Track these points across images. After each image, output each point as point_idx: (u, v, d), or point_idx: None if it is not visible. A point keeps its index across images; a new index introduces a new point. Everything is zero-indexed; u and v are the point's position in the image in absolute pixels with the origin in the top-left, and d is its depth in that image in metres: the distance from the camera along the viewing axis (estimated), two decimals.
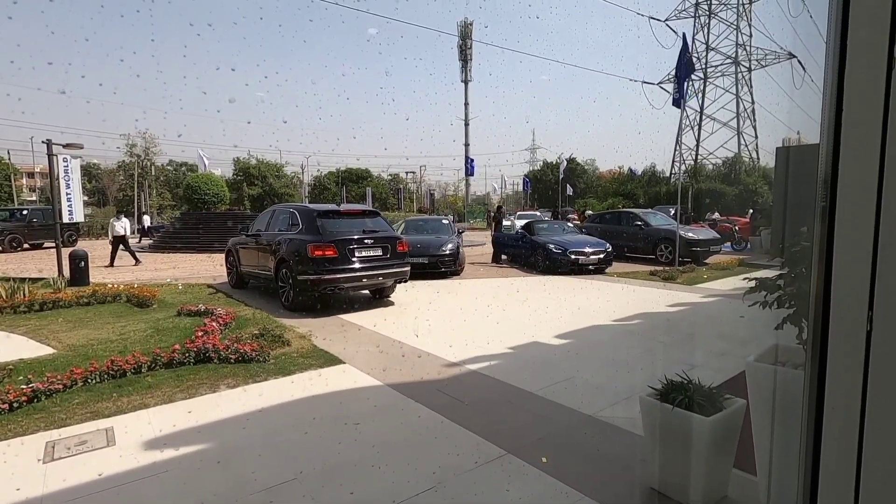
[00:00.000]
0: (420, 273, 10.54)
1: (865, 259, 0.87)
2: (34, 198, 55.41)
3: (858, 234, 0.88)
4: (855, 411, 0.89)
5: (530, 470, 2.91)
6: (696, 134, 40.43)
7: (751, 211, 19.46)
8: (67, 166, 11.36)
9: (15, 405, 3.73)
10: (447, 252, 11.20)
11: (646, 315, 7.21)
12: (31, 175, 59.77)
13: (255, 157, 46.85)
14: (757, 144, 38.93)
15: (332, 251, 7.21)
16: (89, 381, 4.25)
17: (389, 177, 58.79)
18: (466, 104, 43.80)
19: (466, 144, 43.55)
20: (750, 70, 39.41)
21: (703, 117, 40.27)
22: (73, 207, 11.49)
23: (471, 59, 43.36)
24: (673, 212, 14.66)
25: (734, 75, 39.41)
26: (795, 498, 1.06)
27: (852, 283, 0.89)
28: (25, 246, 19.68)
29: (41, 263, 14.16)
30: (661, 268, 11.55)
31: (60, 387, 4.06)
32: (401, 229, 12.41)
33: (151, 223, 28.26)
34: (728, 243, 16.24)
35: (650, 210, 16.68)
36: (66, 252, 10.71)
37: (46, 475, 2.91)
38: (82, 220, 14.95)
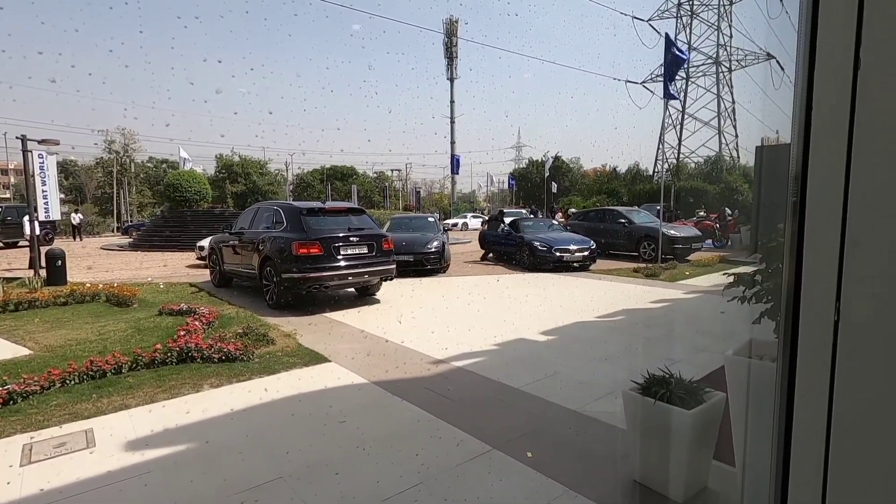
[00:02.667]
0: (406, 271, 10.54)
1: (833, 252, 0.90)
2: (8, 195, 53.91)
3: (827, 228, 0.91)
4: (823, 399, 0.92)
5: (516, 465, 2.94)
6: (679, 133, 41.06)
7: (732, 210, 19.82)
8: (43, 163, 11.08)
9: None
10: (433, 250, 11.21)
11: (629, 311, 7.31)
12: (4, 172, 58.18)
13: (239, 154, 46.25)
14: (737, 143, 39.68)
15: (317, 249, 7.16)
16: (68, 382, 4.17)
17: (375, 174, 58.56)
18: (452, 102, 43.70)
19: (452, 142, 43.50)
20: (730, 70, 40.14)
21: (685, 116, 40.89)
22: (50, 205, 11.22)
23: (457, 57, 43.32)
24: (659, 209, 14.85)
25: (715, 75, 40.09)
26: (769, 487, 1.09)
27: (821, 276, 0.92)
28: (0, 245, 19.17)
29: (16, 262, 13.80)
30: (644, 265, 11.72)
31: (38, 388, 3.97)
32: (386, 227, 12.38)
33: (79, 222, 27.60)
34: (710, 240, 16.54)
35: (634, 208, 16.89)
36: (42, 250, 10.46)
37: (24, 478, 2.84)
38: (59, 217, 14.59)
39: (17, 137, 10.45)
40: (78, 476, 2.87)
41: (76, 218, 27.43)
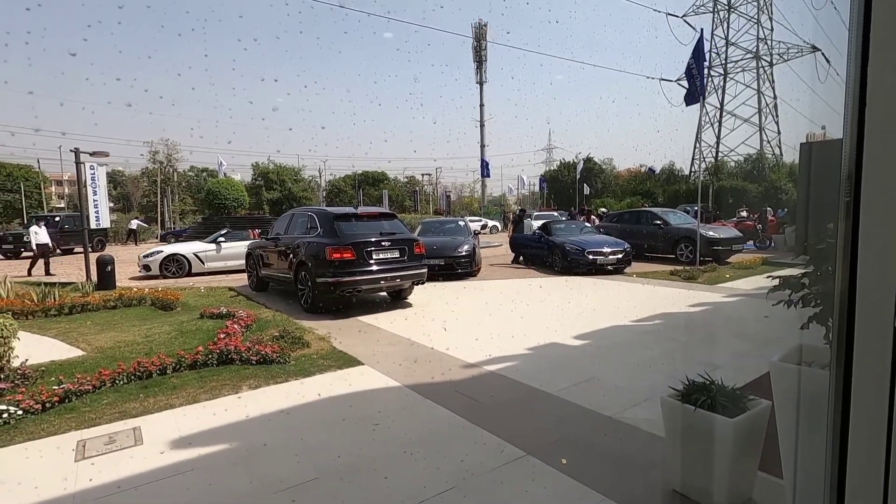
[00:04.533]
0: (437, 274, 10.57)
1: (892, 255, 0.85)
2: (63, 205, 57.09)
3: (884, 229, 0.86)
4: (882, 411, 0.87)
5: (549, 471, 2.90)
6: (717, 131, 39.67)
7: (775, 210, 19.00)
8: (94, 174, 11.69)
9: (48, 405, 3.86)
10: (463, 253, 11.21)
11: (666, 315, 7.10)
12: (59, 183, 61.63)
13: (274, 162, 47.55)
14: (780, 140, 38.00)
15: (350, 254, 7.28)
16: (117, 382, 4.38)
17: (406, 179, 59.05)
18: (482, 106, 43.74)
19: (482, 146, 43.49)
20: (771, 64, 38.53)
21: (724, 114, 39.50)
22: (100, 213, 11.83)
23: (485, 61, 43.30)
24: (695, 210, 14.40)
25: (755, 70, 38.57)
26: (822, 501, 1.04)
27: (879, 281, 0.87)
28: (58, 251, 20.34)
29: (69, 268, 14.60)
30: (682, 267, 11.37)
31: (90, 388, 4.19)
32: (417, 231, 12.47)
33: (137, 227, 29.68)
34: (751, 242, 15.90)
35: (670, 209, 16.43)
36: (93, 257, 11.04)
37: (78, 473, 3.00)
38: (109, 225, 15.35)
39: (70, 150, 11.08)
40: (127, 472, 3.00)
41: (134, 223, 30.04)
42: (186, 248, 13.15)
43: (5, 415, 3.63)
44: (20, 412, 3.71)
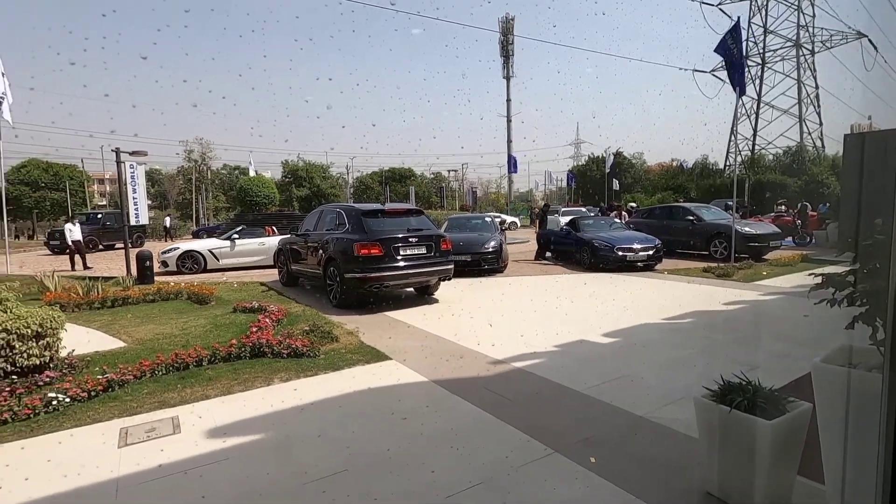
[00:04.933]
0: (463, 270, 10.57)
1: None
2: (104, 202, 59.56)
3: None
4: None
5: (579, 469, 2.87)
6: (753, 123, 38.23)
7: (816, 205, 18.20)
8: (134, 173, 12.15)
9: (92, 394, 4.05)
10: (490, 249, 11.17)
11: (699, 313, 6.91)
12: (101, 181, 64.30)
13: (303, 160, 48.39)
14: (822, 132, 36.34)
15: (377, 249, 7.35)
16: (156, 372, 4.55)
17: (432, 175, 59.19)
18: (508, 100, 43.37)
19: (509, 141, 43.15)
20: (813, 53, 36.84)
21: (761, 105, 38.01)
22: (140, 211, 12.29)
23: (512, 55, 42.88)
24: (731, 205, 13.94)
25: (795, 59, 36.95)
26: None
27: None
28: (100, 247, 21.29)
29: (109, 263, 15.25)
30: (716, 264, 11.03)
31: (131, 377, 4.37)
32: (444, 227, 12.48)
33: (171, 224, 30.97)
34: (790, 238, 15.30)
35: (703, 204, 15.96)
36: (133, 252, 11.49)
37: (121, 459, 3.14)
38: (147, 222, 15.95)
39: (111, 150, 11.56)
40: (166, 459, 3.12)
41: (168, 221, 31.69)
42: (202, 245, 13.46)
43: (54, 402, 3.83)
44: (67, 399, 3.90)
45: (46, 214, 36.91)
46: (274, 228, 14.91)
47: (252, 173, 29.58)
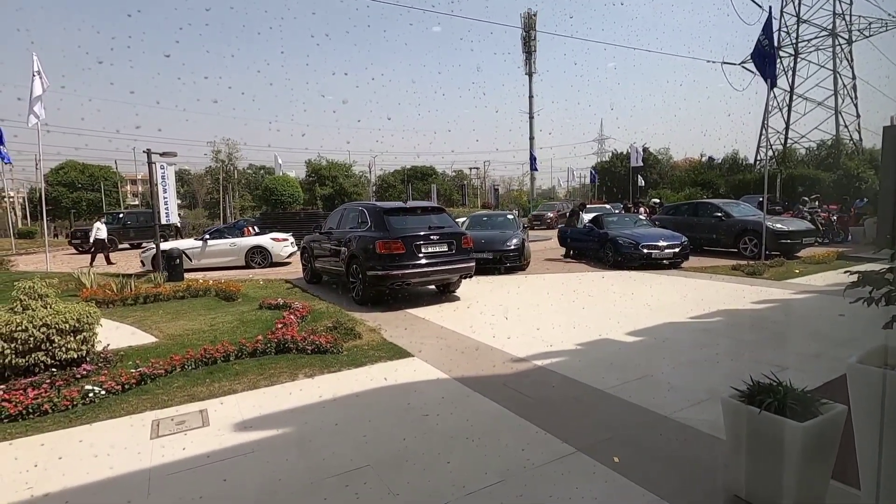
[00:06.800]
0: (485, 268, 10.55)
1: None
2: (137, 202, 61.51)
3: None
4: None
5: (601, 469, 2.84)
6: (786, 116, 36.92)
7: (853, 201, 17.49)
8: (164, 173, 12.50)
9: (126, 387, 4.20)
10: (511, 247, 11.11)
11: (727, 312, 6.73)
12: (133, 182, 66.39)
13: (326, 159, 48.98)
14: (859, 124, 34.82)
15: (399, 247, 7.40)
16: (186, 367, 4.69)
17: (454, 173, 59.17)
18: (531, 97, 42.93)
19: (531, 138, 42.75)
20: (850, 42, 35.30)
21: (794, 97, 36.66)
22: (170, 210, 12.63)
23: (535, 51, 42.43)
24: (760, 200, 13.50)
25: (831, 49, 35.50)
26: None
27: None
28: (122, 245, 22.08)
29: (137, 261, 15.70)
30: (746, 262, 10.72)
31: (162, 371, 4.52)
32: (465, 225, 12.47)
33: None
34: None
35: (733, 200, 15.50)
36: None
37: (153, 450, 3.25)
38: (177, 221, 16.39)
39: (143, 151, 11.90)
40: (196, 451, 3.22)
41: (177, 220, 31.80)
42: (177, 246, 13.59)
43: (91, 394, 3.98)
44: (103, 392, 4.05)
45: (83, 214, 38.36)
46: (253, 228, 14.92)
47: (279, 173, 30.10)
